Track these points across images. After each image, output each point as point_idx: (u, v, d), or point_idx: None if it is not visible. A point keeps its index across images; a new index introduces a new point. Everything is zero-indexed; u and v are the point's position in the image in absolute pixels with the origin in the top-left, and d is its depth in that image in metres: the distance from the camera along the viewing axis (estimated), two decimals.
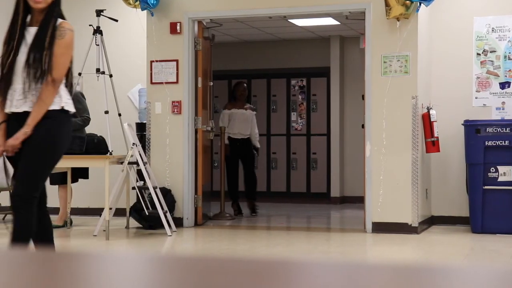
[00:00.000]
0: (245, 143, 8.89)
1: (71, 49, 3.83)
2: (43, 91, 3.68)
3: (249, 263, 0.82)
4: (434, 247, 6.54)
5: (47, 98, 3.70)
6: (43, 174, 3.78)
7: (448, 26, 7.75)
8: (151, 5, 7.56)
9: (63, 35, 3.77)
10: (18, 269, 0.83)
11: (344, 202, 10.82)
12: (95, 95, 8.22)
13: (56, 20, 3.81)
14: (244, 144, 8.87)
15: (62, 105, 3.74)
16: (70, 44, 3.81)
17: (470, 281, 0.76)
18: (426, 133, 7.29)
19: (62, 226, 7.61)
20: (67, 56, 3.78)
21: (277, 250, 6.28)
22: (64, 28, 3.79)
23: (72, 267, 0.84)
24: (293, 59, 11.47)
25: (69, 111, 3.79)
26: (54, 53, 3.71)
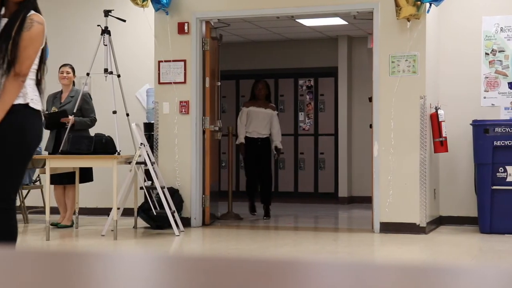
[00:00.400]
0: (263, 143, 8.57)
1: (37, 42, 3.59)
2: (6, 86, 3.51)
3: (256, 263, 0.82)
4: (442, 248, 6.52)
5: (9, 94, 3.51)
6: (13, 171, 3.57)
7: (456, 26, 7.73)
8: (164, 4, 7.56)
9: (29, 27, 3.56)
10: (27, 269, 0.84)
11: (352, 202, 10.81)
12: (103, 95, 8.24)
13: (28, 12, 3.61)
14: (261, 144, 8.56)
15: (27, 101, 3.55)
16: (36, 37, 3.58)
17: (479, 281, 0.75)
18: (434, 133, 7.27)
19: (70, 226, 7.63)
20: (31, 49, 3.56)
21: (284, 250, 6.27)
22: (32, 20, 3.58)
23: (80, 266, 0.84)
24: (301, 59, 11.46)
25: (34, 109, 3.59)
26: (19, 45, 3.52)
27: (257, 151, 8.54)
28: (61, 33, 8.94)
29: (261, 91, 8.67)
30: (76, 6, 8.95)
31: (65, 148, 7.02)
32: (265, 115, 8.57)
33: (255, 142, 8.55)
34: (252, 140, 8.55)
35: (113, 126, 7.13)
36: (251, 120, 8.52)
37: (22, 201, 8.05)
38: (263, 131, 8.55)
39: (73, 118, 7.31)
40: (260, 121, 8.53)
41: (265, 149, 8.58)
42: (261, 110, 8.56)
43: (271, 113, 8.64)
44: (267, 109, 8.61)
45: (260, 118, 8.53)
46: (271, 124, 8.61)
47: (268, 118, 8.58)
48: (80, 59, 8.36)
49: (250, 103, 8.69)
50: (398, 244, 6.54)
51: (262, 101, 8.64)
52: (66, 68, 7.72)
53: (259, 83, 8.74)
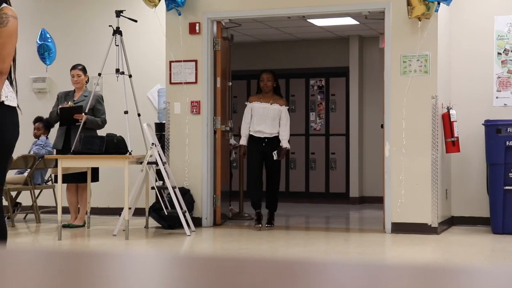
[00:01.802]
0: (270, 143, 7.44)
1: (15, 38, 3.46)
2: None
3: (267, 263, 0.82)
4: (454, 248, 6.50)
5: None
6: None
7: (469, 24, 7.69)
8: (180, 3, 7.57)
9: (6, 22, 3.43)
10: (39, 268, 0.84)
11: (363, 202, 10.78)
12: (115, 96, 8.27)
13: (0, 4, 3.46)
14: (267, 144, 7.44)
15: (2, 100, 3.46)
16: (14, 32, 3.45)
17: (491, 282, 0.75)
18: (446, 133, 7.25)
19: (82, 225, 7.66)
20: (11, 45, 3.44)
21: (296, 250, 6.27)
22: (7, 15, 3.44)
23: (92, 266, 0.84)
24: (312, 59, 11.45)
25: (10, 106, 3.51)
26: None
27: (262, 153, 7.44)
28: (73, 33, 8.98)
29: (266, 83, 7.49)
30: (87, 6, 8.98)
31: (77, 148, 7.05)
32: (272, 111, 7.44)
33: (260, 143, 7.44)
34: (257, 140, 7.46)
35: (124, 126, 7.15)
36: (255, 117, 7.45)
37: (34, 201, 8.09)
38: (269, 130, 7.42)
39: (85, 116, 7.34)
40: (265, 118, 7.42)
41: (272, 150, 7.43)
42: (266, 106, 7.44)
43: (278, 108, 7.45)
44: (273, 104, 7.46)
45: (266, 115, 7.42)
46: (278, 121, 7.49)
47: (275, 115, 7.44)
48: (92, 59, 8.39)
49: (254, 98, 7.61)
50: (410, 244, 6.52)
51: (269, 94, 7.50)
52: (77, 71, 7.72)
53: (263, 74, 7.58)
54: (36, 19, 9.20)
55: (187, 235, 6.89)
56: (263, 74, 7.60)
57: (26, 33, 9.27)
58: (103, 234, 7.18)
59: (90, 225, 7.60)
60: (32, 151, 8.11)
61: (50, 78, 9.02)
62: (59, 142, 7.58)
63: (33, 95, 9.23)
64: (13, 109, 3.54)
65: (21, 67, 9.28)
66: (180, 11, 7.71)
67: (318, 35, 10.91)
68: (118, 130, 7.50)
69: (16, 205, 8.39)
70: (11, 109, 3.53)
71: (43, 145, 8.15)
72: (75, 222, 7.69)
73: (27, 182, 7.97)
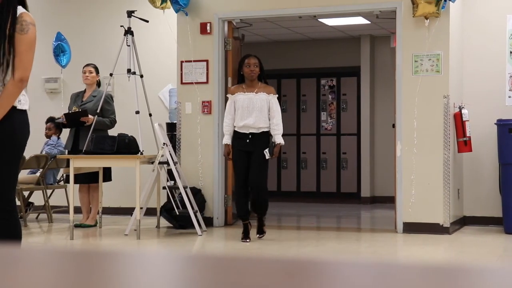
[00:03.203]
0: (255, 139, 6.41)
1: (34, 46, 3.52)
2: (9, 90, 3.45)
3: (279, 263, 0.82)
4: (467, 248, 6.47)
5: (10, 98, 3.46)
6: (11, 174, 3.56)
7: (481, 24, 7.65)
8: (182, 4, 7.60)
9: (26, 29, 3.46)
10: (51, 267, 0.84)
11: (375, 202, 10.76)
12: (126, 96, 8.29)
13: (15, 7, 3.46)
14: (252, 141, 6.41)
15: (15, 104, 3.50)
16: (34, 40, 3.50)
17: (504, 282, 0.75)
18: (458, 133, 7.22)
19: (94, 225, 7.69)
20: (31, 53, 3.50)
21: (307, 250, 6.26)
22: (27, 22, 3.46)
23: (104, 266, 0.85)
24: (323, 58, 11.43)
25: (22, 110, 3.55)
26: (17, 49, 3.44)
27: (247, 153, 6.42)
28: (85, 34, 9.01)
29: (254, 69, 6.44)
30: (99, 7, 9.01)
31: (89, 148, 7.07)
32: (259, 102, 6.40)
33: (244, 140, 6.42)
34: (241, 137, 6.43)
35: (136, 126, 7.17)
36: (239, 111, 6.42)
37: (47, 201, 8.12)
38: (256, 124, 6.37)
39: (93, 118, 7.36)
40: (251, 111, 6.39)
41: (258, 147, 6.36)
42: (251, 96, 6.42)
43: (266, 98, 6.43)
44: (260, 94, 6.43)
45: (252, 107, 6.39)
46: (269, 113, 6.44)
47: (262, 105, 6.40)
48: (103, 59, 8.41)
49: (236, 88, 6.54)
50: (422, 244, 6.50)
51: (254, 83, 6.48)
52: (89, 68, 7.78)
53: (249, 59, 6.51)
54: (49, 20, 9.24)
55: (199, 235, 6.90)
56: (249, 59, 6.50)
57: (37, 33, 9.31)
58: (115, 233, 7.20)
59: (101, 224, 7.62)
60: (44, 151, 8.15)
61: (62, 78, 9.06)
62: (69, 143, 7.62)
63: (45, 96, 9.27)
64: (24, 113, 3.60)
65: (33, 68, 9.35)
66: (187, 11, 7.72)
67: (329, 34, 10.89)
68: (130, 130, 7.52)
69: (29, 205, 8.44)
70: (23, 113, 3.59)
71: (55, 144, 8.19)
72: (87, 221, 7.72)
73: (40, 182, 8.00)
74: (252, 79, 6.48)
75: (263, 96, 6.44)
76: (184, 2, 7.61)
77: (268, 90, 6.51)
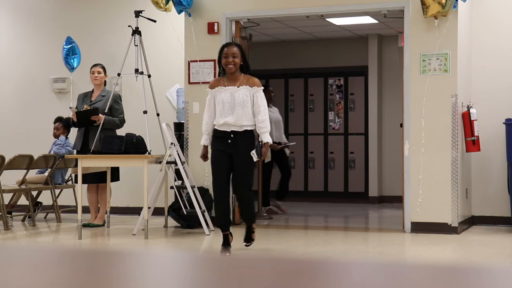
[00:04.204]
0: (237, 139, 5.69)
1: None
2: None
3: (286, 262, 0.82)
4: (475, 248, 6.45)
5: None
6: None
7: (490, 22, 7.62)
8: (186, 5, 7.60)
9: None
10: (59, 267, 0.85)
11: (382, 202, 10.74)
12: (134, 95, 8.31)
13: None
14: (234, 141, 5.70)
15: None
16: None
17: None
18: (466, 132, 7.19)
19: (102, 225, 7.71)
20: None
21: (314, 250, 6.26)
22: None
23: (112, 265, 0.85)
24: (331, 58, 11.42)
25: None
26: None
27: (228, 156, 5.68)
28: (92, 34, 9.03)
29: (233, 60, 5.67)
30: (107, 6, 9.03)
31: (97, 148, 7.09)
32: (241, 96, 5.67)
33: (225, 140, 5.69)
34: (222, 137, 5.71)
35: (143, 126, 7.18)
36: (219, 107, 5.71)
37: (55, 200, 8.15)
38: (238, 121, 5.66)
39: (103, 117, 7.38)
40: (232, 107, 5.67)
41: (241, 149, 5.65)
42: (232, 90, 5.69)
43: (249, 92, 5.67)
44: (242, 87, 5.68)
45: (233, 102, 5.68)
46: (253, 108, 5.68)
47: (245, 100, 5.67)
48: (111, 59, 8.43)
49: (215, 82, 5.81)
50: (430, 244, 6.48)
51: (235, 75, 5.72)
52: (97, 68, 7.79)
53: (227, 48, 5.74)
54: (56, 20, 9.27)
55: (206, 234, 6.91)
56: (227, 48, 5.73)
57: (46, 33, 9.34)
58: (123, 233, 7.22)
59: (109, 224, 7.64)
60: (52, 151, 8.17)
61: (70, 78, 9.08)
62: (78, 143, 7.64)
63: (54, 95, 9.30)
64: None
65: (42, 68, 9.41)
66: (192, 12, 7.73)
67: (337, 34, 10.88)
68: (138, 130, 7.53)
69: (37, 205, 8.47)
70: None
71: (63, 144, 8.21)
72: (95, 221, 7.74)
73: (48, 181, 8.03)
74: (230, 71, 5.67)
75: (246, 90, 5.68)
76: (188, 3, 7.62)
77: (251, 83, 5.69)
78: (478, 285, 0.73)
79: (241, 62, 5.70)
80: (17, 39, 9.47)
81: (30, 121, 9.30)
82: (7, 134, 9.35)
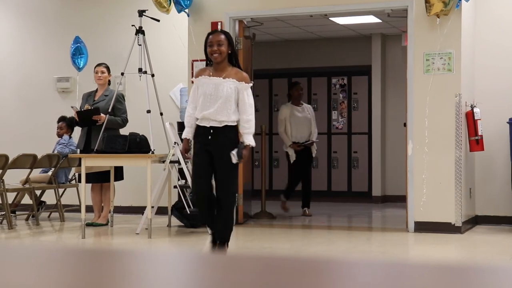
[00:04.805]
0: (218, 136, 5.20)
1: None
2: None
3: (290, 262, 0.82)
4: (478, 247, 6.44)
5: None
6: None
7: (494, 20, 7.61)
8: (184, 6, 7.61)
9: None
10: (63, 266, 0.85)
11: (386, 201, 10.73)
12: (137, 95, 8.31)
13: None
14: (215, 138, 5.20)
15: None
16: None
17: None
18: (469, 132, 7.18)
19: (105, 224, 7.71)
20: None
21: (318, 249, 6.26)
22: None
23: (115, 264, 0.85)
24: (334, 57, 11.41)
25: None
26: None
27: (208, 153, 5.19)
28: (96, 33, 9.04)
29: (218, 48, 5.14)
30: (110, 6, 9.03)
31: (100, 147, 7.10)
32: (226, 89, 5.16)
33: (205, 136, 5.19)
34: (202, 132, 5.21)
35: (147, 125, 7.19)
36: (201, 98, 5.22)
37: (59, 200, 8.16)
38: (218, 116, 5.15)
39: (105, 116, 7.38)
40: (215, 99, 5.17)
41: (221, 147, 5.15)
42: (217, 81, 5.19)
43: (235, 85, 5.17)
44: (228, 79, 5.17)
45: (216, 94, 5.17)
46: (237, 105, 5.19)
47: (229, 94, 5.16)
48: (115, 59, 8.44)
49: (201, 71, 5.33)
50: (433, 243, 6.47)
51: (223, 65, 5.21)
52: (101, 67, 7.80)
53: (210, 35, 5.26)
54: (60, 20, 9.28)
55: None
56: (213, 35, 5.22)
57: (50, 33, 9.36)
58: (126, 232, 7.22)
59: (113, 223, 7.65)
60: (55, 150, 8.18)
61: (75, 78, 9.09)
62: (80, 143, 7.66)
63: (57, 95, 9.32)
64: None
65: (46, 67, 9.42)
66: (193, 12, 7.73)
67: (341, 33, 10.87)
68: (141, 129, 7.54)
69: (41, 204, 8.48)
70: None
71: (66, 144, 8.22)
72: (99, 220, 7.75)
73: (51, 181, 8.04)
74: (216, 60, 5.15)
75: (232, 83, 5.16)
76: (186, 3, 7.62)
77: (240, 77, 5.17)
78: (481, 284, 0.73)
79: (229, 51, 5.19)
80: (21, 38, 9.48)
81: (34, 120, 9.32)
82: (11, 133, 9.36)
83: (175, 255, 0.90)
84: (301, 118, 8.84)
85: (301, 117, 8.84)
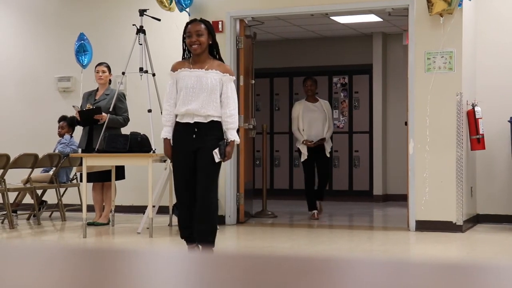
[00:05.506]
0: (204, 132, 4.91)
1: None
2: None
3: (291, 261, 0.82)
4: (480, 246, 6.44)
5: None
6: None
7: (495, 18, 7.61)
8: (184, 5, 7.62)
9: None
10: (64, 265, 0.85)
11: (387, 200, 10.73)
12: (139, 94, 8.31)
13: None
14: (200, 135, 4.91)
15: None
16: None
17: None
18: (471, 130, 7.18)
19: (107, 223, 7.72)
20: None
21: (319, 248, 6.26)
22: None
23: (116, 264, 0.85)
24: (335, 56, 11.41)
25: None
26: None
27: (192, 153, 4.90)
28: (97, 32, 9.04)
29: (197, 38, 4.84)
30: (111, 5, 9.03)
31: (101, 146, 7.10)
32: (209, 81, 4.84)
33: (189, 134, 4.88)
34: (184, 129, 4.89)
35: (148, 124, 7.19)
36: (182, 92, 4.88)
37: (60, 199, 8.16)
38: (203, 110, 4.83)
39: (106, 115, 7.39)
40: (198, 92, 4.83)
41: (208, 143, 4.85)
42: (199, 74, 4.86)
43: (219, 77, 4.85)
44: (211, 71, 4.86)
45: (199, 87, 4.83)
46: (222, 98, 4.87)
47: (213, 86, 4.83)
48: (116, 58, 8.44)
49: (179, 64, 5.00)
50: (434, 242, 6.47)
51: (203, 57, 4.91)
52: (102, 67, 7.80)
53: (189, 25, 4.98)
54: (61, 19, 9.28)
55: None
56: (191, 25, 4.91)
57: (51, 32, 9.36)
58: (128, 232, 7.23)
59: (114, 223, 7.65)
60: (57, 150, 8.19)
61: (75, 77, 9.09)
62: (82, 142, 7.66)
63: (58, 94, 9.32)
64: None
65: (47, 66, 9.42)
66: (194, 11, 7.73)
67: (341, 32, 10.87)
68: (142, 129, 7.54)
69: (42, 203, 8.48)
70: None
71: (68, 143, 8.22)
72: (100, 220, 7.75)
73: (53, 180, 8.05)
74: (195, 52, 4.82)
75: (215, 75, 4.83)
76: (186, 3, 7.63)
77: (223, 69, 4.88)
78: (483, 283, 0.73)
79: (209, 42, 4.86)
80: (22, 38, 9.49)
81: (35, 120, 9.32)
82: (12, 133, 9.37)
83: (176, 254, 0.90)
84: (314, 115, 8.40)
85: (314, 114, 8.42)
